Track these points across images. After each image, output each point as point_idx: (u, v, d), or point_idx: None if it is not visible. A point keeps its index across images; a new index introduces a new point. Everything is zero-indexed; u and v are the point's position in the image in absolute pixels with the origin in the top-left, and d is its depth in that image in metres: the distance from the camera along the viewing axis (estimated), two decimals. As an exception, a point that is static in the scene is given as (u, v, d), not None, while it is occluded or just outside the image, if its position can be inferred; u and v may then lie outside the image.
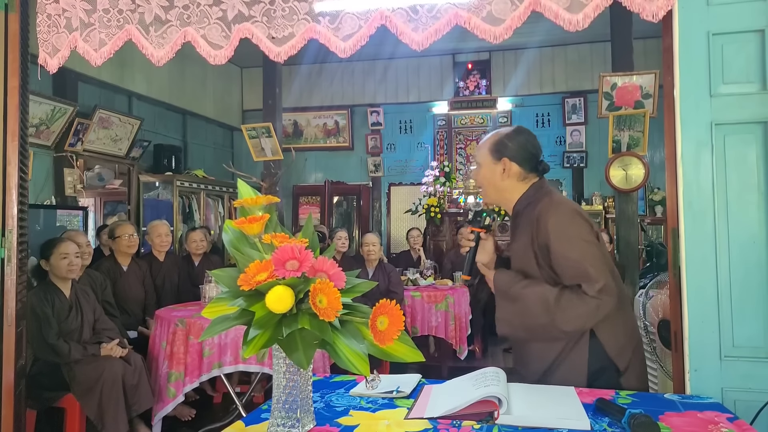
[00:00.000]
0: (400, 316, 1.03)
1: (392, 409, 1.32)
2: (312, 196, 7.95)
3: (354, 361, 1.03)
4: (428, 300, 4.67)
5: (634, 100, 4.33)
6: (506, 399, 1.23)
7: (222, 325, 1.06)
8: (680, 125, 1.58)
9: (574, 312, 1.46)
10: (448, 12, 1.72)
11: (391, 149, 7.82)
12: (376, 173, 7.75)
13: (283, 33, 1.85)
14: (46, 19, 2.02)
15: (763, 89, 1.55)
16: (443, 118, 7.46)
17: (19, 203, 2.01)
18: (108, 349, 2.99)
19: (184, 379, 3.00)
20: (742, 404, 1.50)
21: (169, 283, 4.42)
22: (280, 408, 1.10)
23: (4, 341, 1.94)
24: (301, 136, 7.90)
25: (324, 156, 8.00)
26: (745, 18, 1.55)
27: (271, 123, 5.31)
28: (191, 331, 3.02)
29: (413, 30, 1.76)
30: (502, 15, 1.68)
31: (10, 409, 1.94)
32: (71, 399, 2.87)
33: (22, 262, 2.03)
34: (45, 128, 4.91)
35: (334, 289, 1.01)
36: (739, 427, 1.18)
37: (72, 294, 3.10)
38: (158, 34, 1.93)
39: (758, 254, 1.53)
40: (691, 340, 1.56)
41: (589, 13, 1.62)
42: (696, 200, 1.57)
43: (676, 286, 1.61)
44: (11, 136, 1.99)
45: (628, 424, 1.14)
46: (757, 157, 1.55)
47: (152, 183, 6.10)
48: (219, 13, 1.89)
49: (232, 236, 1.15)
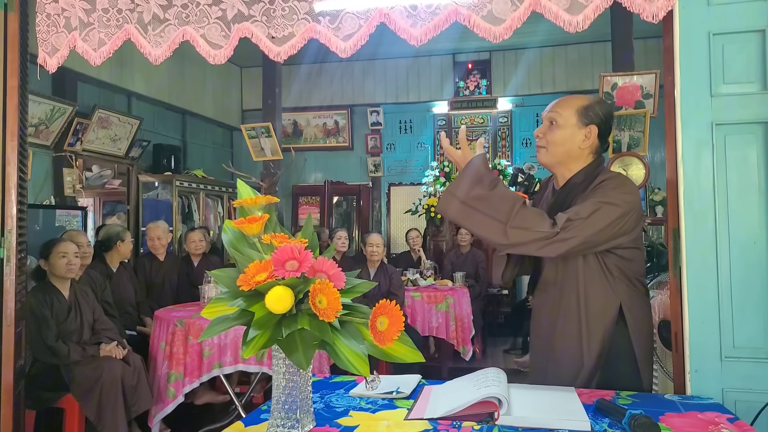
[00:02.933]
0: (400, 316, 1.03)
1: (392, 409, 1.32)
2: (312, 196, 7.95)
3: (354, 362, 1.03)
4: (428, 300, 4.67)
5: (634, 100, 4.33)
6: (506, 400, 1.23)
7: (221, 325, 1.05)
8: (681, 125, 1.58)
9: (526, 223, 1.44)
10: (448, 8, 1.72)
11: (391, 149, 7.82)
12: (376, 173, 7.74)
13: (283, 33, 1.84)
14: (45, 18, 2.02)
15: (764, 89, 1.54)
16: (443, 118, 7.46)
17: (19, 203, 2.01)
18: (107, 350, 2.99)
19: (184, 379, 2.99)
20: (742, 405, 1.49)
21: (168, 284, 4.42)
22: (279, 408, 1.10)
23: (3, 342, 1.94)
24: (300, 136, 7.89)
25: (324, 156, 8.00)
26: (746, 18, 1.55)
27: (270, 123, 5.31)
28: (190, 332, 3.02)
29: (411, 26, 1.75)
30: (503, 15, 1.68)
31: (9, 409, 1.94)
32: (70, 399, 2.87)
33: (21, 262, 2.03)
34: (44, 128, 4.91)
35: (333, 290, 1.00)
36: (740, 427, 1.18)
37: (71, 294, 3.10)
38: (156, 33, 1.93)
39: (759, 254, 1.53)
40: (691, 341, 1.55)
41: (589, 15, 1.62)
42: (696, 200, 1.56)
43: (677, 287, 1.61)
44: (10, 136, 1.98)
45: (628, 424, 1.14)
46: (758, 157, 1.54)
47: (151, 183, 6.09)
48: (218, 13, 1.89)
49: (231, 236, 1.14)
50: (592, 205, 1.47)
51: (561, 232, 1.43)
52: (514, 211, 1.44)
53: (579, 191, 1.58)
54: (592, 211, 1.46)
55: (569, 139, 1.60)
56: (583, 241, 1.46)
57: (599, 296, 1.55)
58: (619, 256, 1.54)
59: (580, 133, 1.59)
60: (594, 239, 1.47)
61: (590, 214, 1.45)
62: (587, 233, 1.45)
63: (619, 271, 1.55)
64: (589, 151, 1.62)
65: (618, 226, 1.49)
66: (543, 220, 1.46)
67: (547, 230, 1.43)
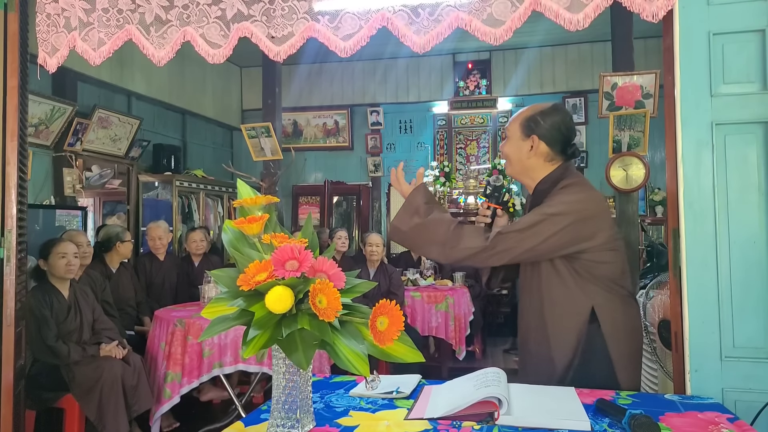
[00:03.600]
0: (400, 316, 1.03)
1: (392, 409, 1.32)
2: (312, 196, 7.94)
3: (354, 362, 1.03)
4: (428, 300, 4.66)
5: (634, 99, 4.33)
6: (506, 399, 1.23)
7: (221, 325, 1.05)
8: (681, 125, 1.58)
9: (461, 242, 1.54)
10: (450, 15, 1.73)
11: (391, 149, 7.81)
12: (376, 173, 7.74)
13: (283, 32, 1.84)
14: (45, 18, 2.02)
15: (764, 89, 1.54)
16: (443, 118, 7.45)
17: (18, 203, 2.01)
18: (107, 350, 2.98)
19: (182, 380, 2.99)
20: (742, 405, 1.49)
21: (168, 283, 4.42)
22: (279, 408, 1.10)
23: (3, 341, 1.94)
24: (300, 136, 7.89)
25: (324, 156, 8.00)
26: (746, 18, 1.55)
27: (270, 123, 5.30)
28: (190, 332, 3.02)
29: (415, 33, 1.76)
30: (503, 16, 1.68)
31: (9, 409, 1.94)
32: (70, 399, 2.87)
33: (21, 262, 2.03)
34: (44, 128, 4.90)
35: (333, 290, 1.00)
36: (740, 427, 1.18)
37: (71, 294, 3.10)
38: (159, 35, 1.93)
39: (759, 254, 1.53)
40: (691, 341, 1.55)
41: (590, 13, 1.62)
42: (696, 200, 1.56)
43: (677, 287, 1.61)
44: (10, 136, 1.98)
45: (628, 424, 1.14)
46: (758, 157, 1.54)
47: (151, 183, 6.09)
48: (218, 12, 1.89)
49: (231, 236, 1.14)
50: (536, 216, 1.53)
51: (491, 247, 1.52)
52: (448, 233, 1.55)
53: (545, 197, 1.62)
54: (534, 222, 1.52)
55: (517, 151, 1.66)
56: (525, 250, 1.53)
57: (567, 299, 1.57)
58: (587, 259, 1.56)
59: (525, 145, 1.64)
60: (541, 248, 1.53)
61: (529, 226, 1.52)
62: (527, 244, 1.52)
63: (590, 274, 1.56)
64: (545, 159, 1.64)
65: (570, 234, 1.52)
66: (476, 236, 1.55)
67: (479, 246, 1.52)
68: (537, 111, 1.64)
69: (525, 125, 1.63)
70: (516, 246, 1.52)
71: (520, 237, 1.52)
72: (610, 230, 1.58)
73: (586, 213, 1.53)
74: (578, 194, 1.56)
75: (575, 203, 1.53)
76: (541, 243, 1.51)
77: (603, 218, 1.57)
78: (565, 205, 1.53)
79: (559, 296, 1.58)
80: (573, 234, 1.51)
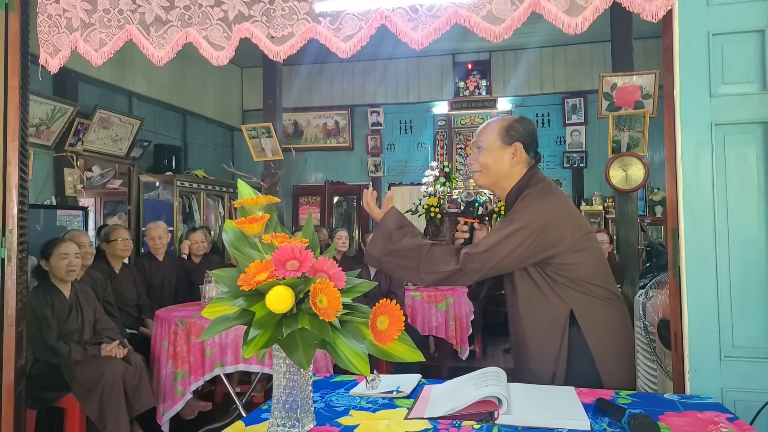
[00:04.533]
0: (400, 315, 1.03)
1: (392, 409, 1.32)
2: (312, 196, 7.95)
3: (354, 361, 1.03)
4: (428, 300, 4.67)
5: (634, 100, 4.33)
6: (506, 399, 1.23)
7: (222, 325, 1.06)
8: (680, 125, 1.58)
9: (433, 266, 1.58)
10: (448, 11, 1.72)
11: (391, 149, 7.82)
12: (376, 173, 7.74)
13: (283, 32, 1.84)
14: (46, 19, 2.02)
15: (763, 89, 1.54)
16: (443, 119, 7.45)
17: (20, 203, 2.01)
18: (108, 350, 2.99)
19: (190, 377, 3.00)
20: (742, 404, 1.49)
21: (168, 284, 4.42)
22: (280, 408, 1.10)
23: (4, 341, 1.94)
24: (301, 136, 7.89)
25: (324, 156, 8.00)
26: (746, 18, 1.55)
27: (271, 123, 5.31)
28: (192, 331, 3.02)
29: (413, 29, 1.76)
30: (502, 15, 1.68)
31: (10, 409, 1.94)
32: (71, 399, 2.87)
33: (22, 262, 2.03)
34: (45, 128, 4.91)
35: (334, 289, 1.01)
36: (739, 427, 1.18)
37: (72, 294, 3.10)
38: (159, 35, 1.93)
39: (758, 254, 1.53)
40: (690, 340, 1.56)
41: (588, 17, 1.62)
42: (696, 200, 1.56)
43: (676, 286, 1.61)
44: (11, 136, 1.99)
45: (628, 424, 1.14)
46: (757, 158, 1.55)
47: (152, 183, 6.10)
48: (220, 14, 1.89)
49: (232, 236, 1.15)
50: (497, 233, 1.57)
51: (462, 268, 1.55)
52: (421, 257, 1.59)
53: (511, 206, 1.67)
54: (496, 241, 1.56)
55: (498, 160, 1.69)
56: (493, 266, 1.57)
57: (544, 306, 1.60)
58: (558, 263, 1.58)
59: (507, 153, 1.68)
60: (507, 263, 1.57)
61: (492, 246, 1.56)
62: (494, 260, 1.56)
63: (564, 277, 1.58)
64: (523, 166, 1.69)
65: (533, 245, 1.55)
66: (448, 259, 1.58)
67: (451, 268, 1.56)
68: (511, 120, 1.71)
69: (506, 134, 1.68)
70: (483, 265, 1.56)
71: (486, 256, 1.55)
72: (577, 231, 1.59)
73: (546, 220, 1.56)
74: (536, 203, 1.60)
75: (533, 213, 1.57)
76: (505, 258, 1.56)
77: (566, 222, 1.59)
78: (526, 216, 1.57)
79: (537, 304, 1.62)
80: (536, 244, 1.55)
